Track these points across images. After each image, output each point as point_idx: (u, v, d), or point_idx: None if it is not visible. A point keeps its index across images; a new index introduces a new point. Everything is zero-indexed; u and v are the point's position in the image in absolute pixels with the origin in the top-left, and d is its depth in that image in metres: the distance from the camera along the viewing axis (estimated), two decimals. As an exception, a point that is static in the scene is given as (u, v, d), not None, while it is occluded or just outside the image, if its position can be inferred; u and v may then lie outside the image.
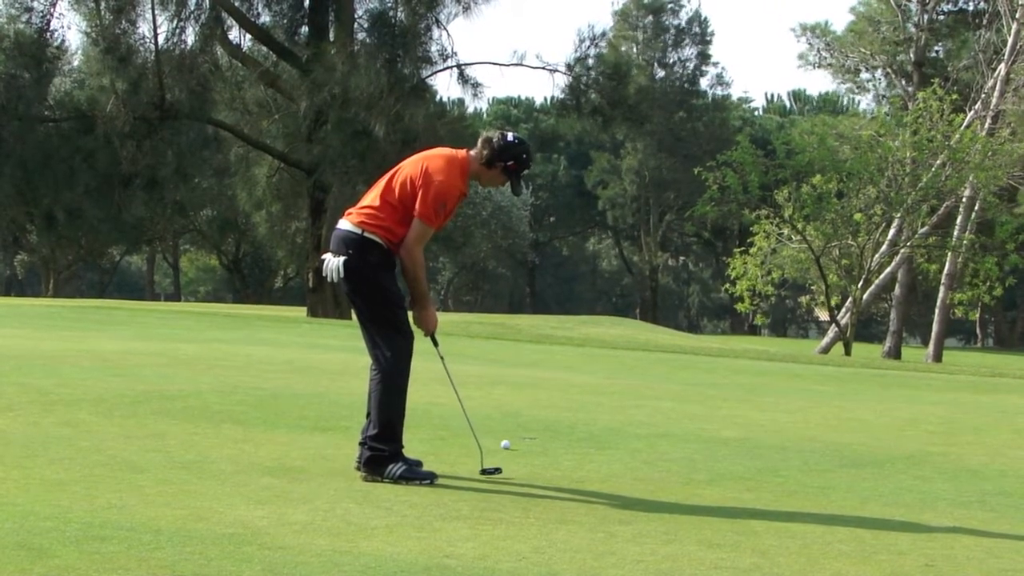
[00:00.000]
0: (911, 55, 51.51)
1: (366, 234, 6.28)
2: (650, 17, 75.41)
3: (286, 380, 10.06)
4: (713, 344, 29.20)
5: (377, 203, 6.33)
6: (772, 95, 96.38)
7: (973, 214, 37.80)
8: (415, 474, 6.09)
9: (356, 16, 33.07)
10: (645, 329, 39.87)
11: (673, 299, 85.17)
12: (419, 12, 32.18)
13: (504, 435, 7.57)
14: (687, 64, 76.16)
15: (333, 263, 6.28)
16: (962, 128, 33.89)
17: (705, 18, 77.32)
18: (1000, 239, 32.75)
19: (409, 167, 6.36)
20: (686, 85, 75.70)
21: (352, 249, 6.28)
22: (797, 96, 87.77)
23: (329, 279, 6.37)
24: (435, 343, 6.49)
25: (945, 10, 53.38)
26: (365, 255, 6.27)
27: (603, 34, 36.03)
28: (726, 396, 11.10)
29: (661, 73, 75.39)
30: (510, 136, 6.43)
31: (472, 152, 6.41)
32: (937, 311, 41.57)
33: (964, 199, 36.67)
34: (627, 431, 7.67)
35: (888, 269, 38.33)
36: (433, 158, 6.36)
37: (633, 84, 36.41)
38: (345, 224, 6.36)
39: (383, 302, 6.31)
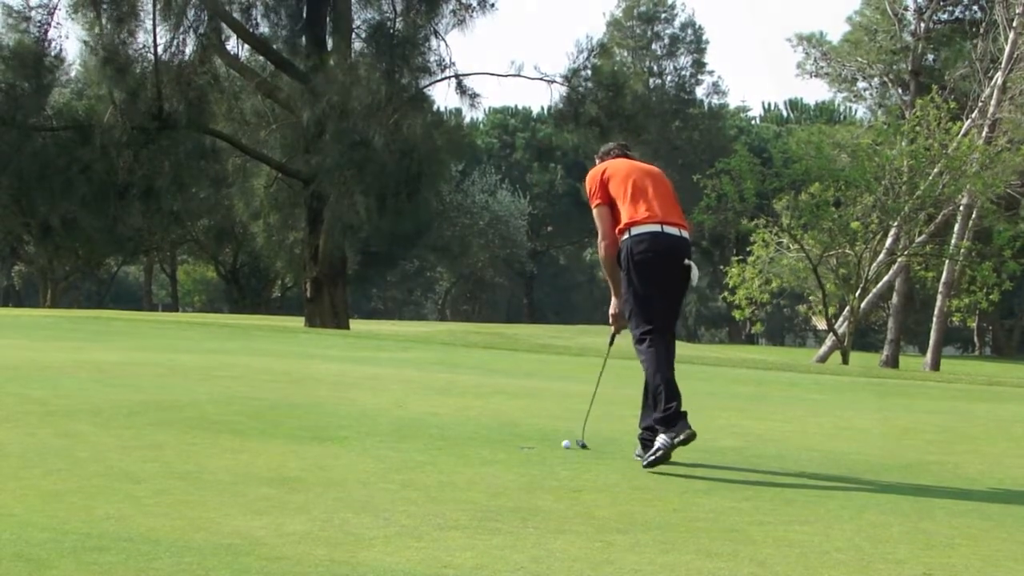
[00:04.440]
0: (908, 64, 51.61)
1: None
2: (644, 26, 75.46)
3: (284, 390, 10.05)
4: (711, 353, 29.23)
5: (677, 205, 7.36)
6: (769, 104, 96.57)
7: (970, 222, 37.84)
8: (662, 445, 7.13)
9: (355, 27, 33.13)
10: (643, 338, 39.82)
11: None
12: (417, 23, 32.26)
13: (501, 444, 7.58)
14: (682, 73, 76.20)
15: (696, 269, 7.20)
16: (959, 136, 33.92)
17: (699, 27, 77.27)
18: (998, 246, 32.76)
19: (655, 175, 7.47)
20: (682, 94, 75.74)
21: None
22: (794, 105, 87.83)
23: (695, 283, 7.25)
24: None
25: (941, 19, 53.50)
26: None
27: (600, 45, 36.10)
28: (724, 405, 11.09)
29: (656, 82, 75.42)
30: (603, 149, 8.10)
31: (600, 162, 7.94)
32: (935, 319, 41.57)
33: (961, 207, 36.70)
34: (625, 440, 7.66)
35: (886, 278, 38.36)
36: (643, 168, 7.62)
37: (630, 94, 36.44)
38: (684, 232, 7.24)
39: None
